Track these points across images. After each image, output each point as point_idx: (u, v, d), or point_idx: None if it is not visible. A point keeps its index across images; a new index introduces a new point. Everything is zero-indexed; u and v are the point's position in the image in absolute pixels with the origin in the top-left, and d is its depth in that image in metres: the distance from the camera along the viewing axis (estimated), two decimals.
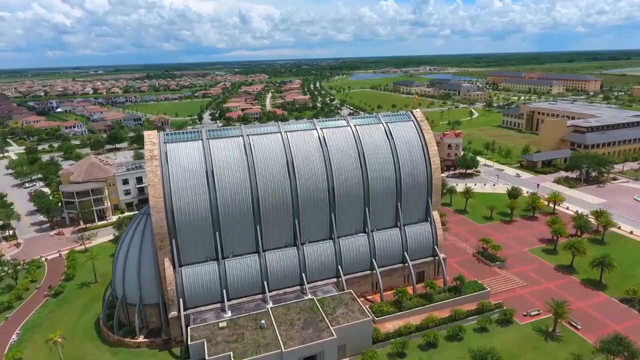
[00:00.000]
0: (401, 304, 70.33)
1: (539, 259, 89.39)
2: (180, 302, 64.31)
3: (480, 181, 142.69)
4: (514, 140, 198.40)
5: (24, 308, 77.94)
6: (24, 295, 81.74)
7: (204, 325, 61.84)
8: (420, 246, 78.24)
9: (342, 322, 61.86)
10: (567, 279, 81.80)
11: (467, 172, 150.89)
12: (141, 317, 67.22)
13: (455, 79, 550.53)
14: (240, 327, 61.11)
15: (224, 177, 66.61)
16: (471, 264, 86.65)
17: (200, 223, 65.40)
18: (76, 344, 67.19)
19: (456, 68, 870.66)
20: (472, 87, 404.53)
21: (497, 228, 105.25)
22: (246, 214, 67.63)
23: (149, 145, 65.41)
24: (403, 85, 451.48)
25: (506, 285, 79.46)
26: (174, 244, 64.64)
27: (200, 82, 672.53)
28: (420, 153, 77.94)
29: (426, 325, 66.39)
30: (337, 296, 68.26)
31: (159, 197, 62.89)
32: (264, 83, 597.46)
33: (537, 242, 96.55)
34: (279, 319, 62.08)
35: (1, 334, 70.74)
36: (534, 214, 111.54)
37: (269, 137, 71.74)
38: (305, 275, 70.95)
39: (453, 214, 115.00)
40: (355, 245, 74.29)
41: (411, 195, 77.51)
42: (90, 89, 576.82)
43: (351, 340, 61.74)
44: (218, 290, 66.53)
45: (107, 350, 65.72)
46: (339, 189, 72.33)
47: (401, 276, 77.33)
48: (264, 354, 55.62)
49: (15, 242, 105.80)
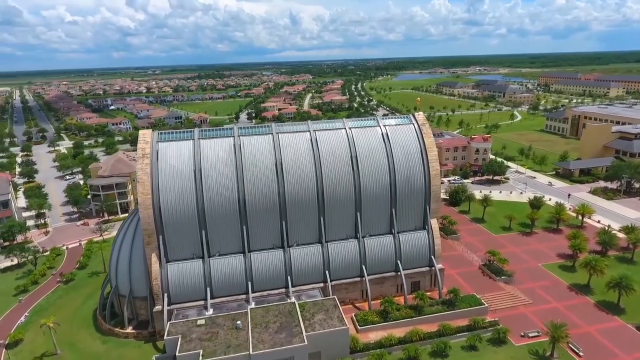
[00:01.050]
0: (388, 314, 67.86)
1: (552, 275, 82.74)
2: (164, 297, 66.12)
3: (508, 189, 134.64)
4: (555, 146, 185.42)
5: (37, 292, 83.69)
6: (39, 280, 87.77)
7: (183, 321, 63.13)
8: (415, 255, 75.04)
9: (318, 328, 60.66)
10: (580, 300, 75.00)
11: (494, 178, 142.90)
12: (131, 309, 69.88)
13: (504, 80, 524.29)
14: (217, 326, 61.71)
15: (211, 177, 67.64)
16: (475, 277, 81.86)
17: (186, 221, 66.83)
18: (73, 330, 71.11)
19: (508, 69, 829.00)
20: (520, 88, 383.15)
21: (514, 240, 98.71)
22: (232, 214, 68.23)
23: (142, 143, 67.81)
24: (446, 86, 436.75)
25: (509, 302, 74.25)
26: (161, 240, 66.53)
27: (246, 82, 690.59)
28: (418, 158, 74.76)
29: (410, 338, 63.49)
30: (320, 302, 67.02)
31: (147, 194, 65.03)
32: (306, 83, 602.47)
33: (554, 257, 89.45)
34: (255, 320, 62.01)
35: (12, 315, 76.41)
36: (558, 226, 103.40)
37: (259, 138, 71.91)
38: (291, 278, 70.37)
39: (468, 223, 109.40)
40: (344, 250, 72.63)
41: (407, 202, 74.53)
42: (144, 88, 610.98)
43: (326, 348, 60.38)
44: (202, 287, 67.68)
45: (98, 338, 68.95)
46: (329, 193, 71.03)
47: (393, 285, 74.59)
48: (232, 355, 55.77)
49: (45, 230, 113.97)
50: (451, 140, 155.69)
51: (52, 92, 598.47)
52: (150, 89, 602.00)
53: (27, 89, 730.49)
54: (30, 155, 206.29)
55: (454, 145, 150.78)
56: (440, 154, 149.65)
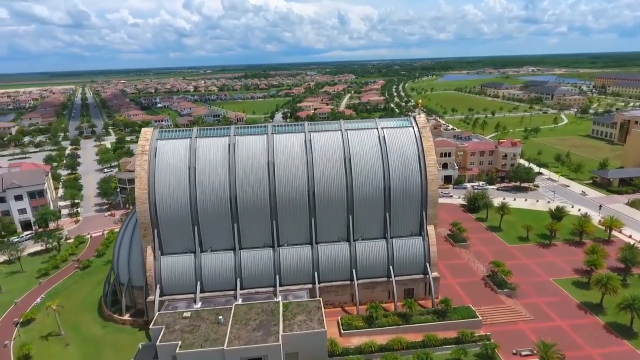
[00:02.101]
0: (374, 320, 66.69)
1: (563, 291, 77.36)
2: (157, 288, 69.18)
3: (535, 197, 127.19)
4: (598, 152, 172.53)
5: (56, 276, 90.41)
6: (60, 265, 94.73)
7: (171, 312, 65.73)
8: (409, 262, 73.09)
9: (297, 329, 60.87)
10: (589, 320, 69.60)
11: (521, 185, 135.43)
12: (129, 297, 73.75)
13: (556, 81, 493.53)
14: (201, 320, 63.64)
15: (204, 175, 69.81)
16: (476, 288, 78.29)
17: (180, 216, 69.44)
18: (80, 313, 76.24)
19: (565, 69, 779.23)
20: (572, 90, 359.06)
21: (529, 251, 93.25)
22: (224, 212, 70.01)
23: (142, 141, 71.31)
24: (490, 87, 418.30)
25: (507, 316, 70.41)
26: (156, 234, 69.63)
27: (289, 81, 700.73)
28: (415, 162, 72.72)
29: (392, 346, 62.06)
30: (304, 303, 67.14)
31: (144, 189, 68.31)
32: (347, 83, 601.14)
33: (569, 272, 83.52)
34: (237, 317, 63.27)
35: (31, 296, 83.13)
36: (582, 239, 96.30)
37: (254, 138, 73.18)
38: (280, 277, 71.06)
39: (483, 231, 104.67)
40: (335, 253, 72.19)
41: (402, 207, 72.74)
42: (192, 87, 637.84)
43: (304, 349, 60.44)
44: (193, 281, 70.05)
45: (99, 323, 73.43)
46: (320, 194, 70.91)
47: (385, 291, 73.08)
48: (207, 349, 57.32)
49: (75, 219, 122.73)
50: (477, 144, 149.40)
51: (110, 90, 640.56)
52: (198, 87, 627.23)
53: (89, 87, 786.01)
54: (78, 148, 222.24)
55: (479, 150, 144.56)
56: (465, 158, 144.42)
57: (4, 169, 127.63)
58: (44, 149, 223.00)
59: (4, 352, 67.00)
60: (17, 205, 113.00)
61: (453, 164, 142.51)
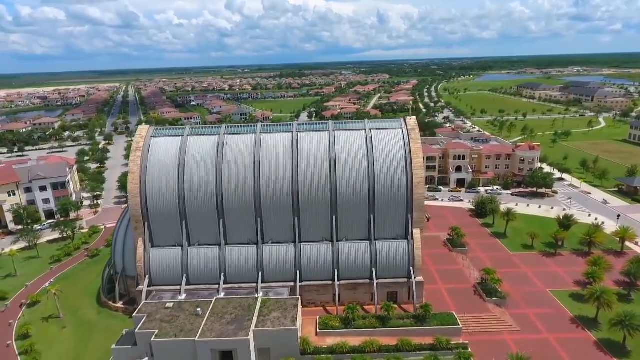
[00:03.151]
0: (352, 321, 66.66)
1: (558, 303, 73.88)
2: (146, 279, 72.51)
3: (551, 204, 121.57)
4: (632, 159, 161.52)
5: (67, 263, 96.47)
6: (73, 253, 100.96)
7: (155, 302, 68.76)
8: (392, 265, 72.36)
9: (269, 325, 62.04)
10: (580, 334, 66.19)
11: (538, 191, 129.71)
12: (124, 286, 77.69)
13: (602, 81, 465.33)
14: (181, 311, 66.14)
15: (193, 172, 72.37)
16: (464, 295, 76.22)
17: (169, 210, 72.39)
18: (80, 299, 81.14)
19: (615, 69, 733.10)
20: (615, 92, 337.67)
21: (531, 260, 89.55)
22: (210, 208, 72.26)
23: (138, 138, 74.89)
24: (527, 88, 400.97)
25: (492, 326, 68.22)
26: (147, 227, 72.96)
27: (322, 81, 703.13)
28: (401, 165, 71.88)
29: (364, 348, 61.86)
30: (283, 300, 68.19)
31: (136, 184, 71.78)
32: (379, 83, 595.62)
33: (569, 284, 79.53)
34: (214, 310, 65.25)
35: (41, 280, 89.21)
36: (590, 249, 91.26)
37: (242, 137, 74.97)
38: (262, 274, 72.49)
39: (487, 237, 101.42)
40: (318, 252, 72.69)
41: (387, 209, 72.12)
42: (227, 85, 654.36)
43: (275, 346, 61.47)
44: (179, 274, 72.83)
45: (95, 308, 77.93)
46: (304, 194, 71.65)
47: (367, 293, 72.70)
48: (179, 339, 59.63)
49: (94, 210, 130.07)
50: (493, 147, 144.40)
51: (150, 88, 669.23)
52: (233, 86, 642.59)
53: (133, 85, 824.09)
54: (111, 144, 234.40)
55: (495, 153, 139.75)
56: (480, 161, 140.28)
57: (33, 162, 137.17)
58: (80, 143, 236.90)
59: (8, 330, 72.55)
60: (42, 196, 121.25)
61: (467, 167, 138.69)
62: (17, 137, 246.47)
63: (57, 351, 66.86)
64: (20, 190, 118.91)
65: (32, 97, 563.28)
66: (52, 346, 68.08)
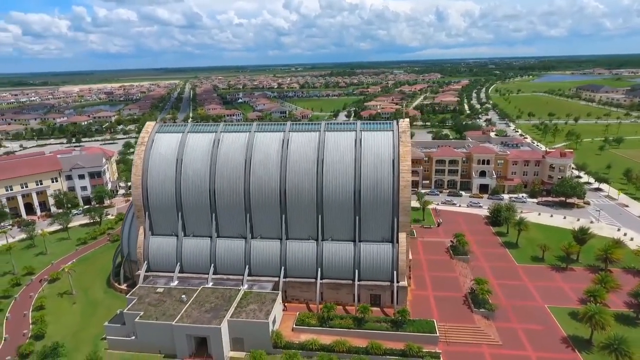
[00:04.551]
0: (325, 320, 67.46)
1: (553, 320, 69.65)
2: (144, 264, 77.98)
3: (578, 215, 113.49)
4: None
5: (90, 246, 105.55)
6: (98, 237, 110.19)
7: (149, 286, 74.01)
8: (375, 267, 72.05)
9: (244, 317, 64.63)
10: (567, 355, 62.19)
11: (567, 201, 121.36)
12: (129, 269, 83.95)
13: None
14: (169, 296, 70.72)
15: (189, 166, 76.57)
16: (452, 304, 74.03)
17: (167, 202, 77.19)
18: (93, 278, 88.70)
19: None
20: None
21: (537, 273, 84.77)
22: (204, 202, 76.10)
23: (143, 133, 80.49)
24: (587, 90, 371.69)
25: (473, 337, 65.94)
26: (147, 216, 78.36)
27: (371, 80, 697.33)
28: (389, 167, 71.29)
29: (334, 348, 62.52)
30: (263, 294, 70.51)
31: (139, 176, 77.35)
32: (428, 83, 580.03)
33: (571, 301, 74.51)
34: (198, 298, 69.04)
35: (66, 259, 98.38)
36: (607, 266, 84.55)
37: (237, 136, 78.01)
38: (249, 267, 75.23)
39: (496, 246, 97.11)
40: (303, 250, 74.08)
41: (372, 212, 71.89)
42: (276, 84, 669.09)
43: (249, 337, 63.97)
44: (174, 261, 77.51)
45: (104, 288, 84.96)
46: (291, 193, 73.30)
47: (350, 293, 72.88)
48: (160, 322, 63.93)
49: (126, 199, 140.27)
50: (521, 153, 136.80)
51: (205, 86, 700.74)
52: (282, 85, 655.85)
53: (190, 82, 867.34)
54: None
55: (523, 159, 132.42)
56: (506, 167, 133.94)
57: (77, 152, 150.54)
58: (130, 136, 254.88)
59: (28, 301, 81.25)
60: (80, 183, 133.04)
61: (491, 172, 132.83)
62: (77, 128, 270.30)
63: (63, 324, 73.95)
64: (62, 178, 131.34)
65: (100, 92, 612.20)
66: (60, 319, 75.38)
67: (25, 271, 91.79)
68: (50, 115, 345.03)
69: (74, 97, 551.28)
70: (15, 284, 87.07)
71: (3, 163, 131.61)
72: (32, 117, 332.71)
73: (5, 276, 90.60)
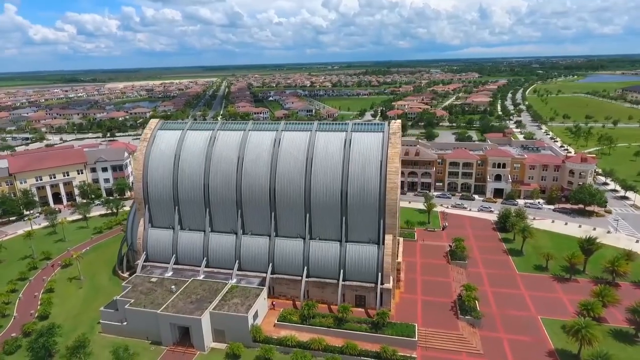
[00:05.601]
0: (308, 318, 68.26)
1: (543, 332, 67.00)
2: (143, 254, 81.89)
3: (597, 224, 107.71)
4: None
5: (105, 235, 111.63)
6: (114, 227, 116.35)
7: (144, 276, 77.73)
8: (360, 268, 72.01)
9: (225, 310, 66.63)
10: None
11: (585, 209, 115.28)
12: (131, 258, 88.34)
13: None
14: (160, 286, 74.00)
15: (186, 163, 79.52)
16: (438, 309, 72.70)
17: (164, 196, 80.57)
18: (101, 266, 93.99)
19: None
20: None
21: (536, 282, 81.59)
22: (198, 197, 78.84)
23: (147, 129, 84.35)
24: (634, 91, 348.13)
25: (453, 345, 64.64)
26: (147, 209, 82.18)
27: (406, 79, 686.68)
28: (376, 169, 70.95)
29: (309, 345, 63.29)
30: (249, 289, 72.29)
31: (140, 170, 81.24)
32: (463, 82, 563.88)
33: (568, 314, 71.02)
34: (186, 290, 71.83)
35: (81, 246, 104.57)
36: (615, 279, 80.00)
37: (232, 134, 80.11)
38: (239, 262, 77.24)
39: (499, 253, 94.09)
40: (290, 248, 75.18)
41: (359, 213, 71.86)
42: (309, 82, 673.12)
43: (229, 329, 65.94)
44: (170, 253, 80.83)
45: (109, 276, 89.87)
46: (280, 191, 74.54)
47: (335, 292, 73.12)
48: (146, 310, 67.13)
49: None
50: (539, 157, 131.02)
51: (240, 83, 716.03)
52: (314, 83, 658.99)
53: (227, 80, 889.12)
54: None
55: (541, 163, 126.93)
56: (522, 171, 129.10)
57: (103, 146, 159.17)
58: None
59: (41, 284, 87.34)
60: (103, 175, 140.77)
61: (507, 176, 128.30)
62: (113, 124, 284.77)
63: (66, 306, 79.11)
64: (87, 170, 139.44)
65: (141, 89, 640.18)
66: (65, 302, 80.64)
67: (43, 256, 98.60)
68: (92, 110, 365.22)
69: (117, 94, 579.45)
70: (33, 268, 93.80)
71: (34, 155, 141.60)
72: (76, 112, 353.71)
73: (25, 259, 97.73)
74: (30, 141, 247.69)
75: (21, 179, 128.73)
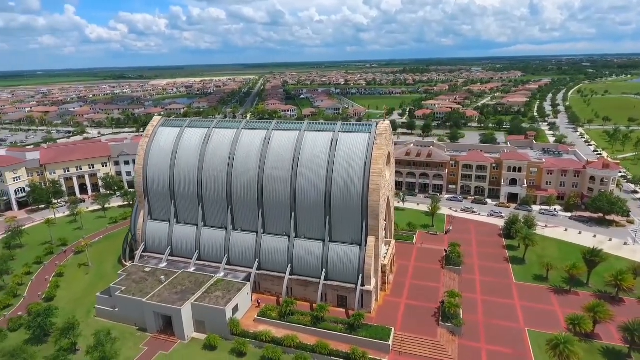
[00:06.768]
0: (287, 314, 69.27)
1: (527, 345, 64.39)
2: (142, 245, 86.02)
3: (614, 235, 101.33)
4: None
5: (120, 224, 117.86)
6: (128, 217, 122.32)
7: (140, 265, 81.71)
8: (342, 269, 72.07)
9: (206, 302, 68.91)
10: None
11: (605, 217, 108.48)
12: (134, 248, 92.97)
13: None
14: (152, 276, 77.54)
15: (181, 159, 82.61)
16: (421, 314, 71.39)
17: (162, 190, 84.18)
18: (110, 254, 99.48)
19: None
20: None
21: (533, 293, 78.20)
22: (192, 192, 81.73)
23: (149, 126, 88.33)
24: None
25: (428, 351, 63.44)
26: (147, 202, 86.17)
27: (443, 77, 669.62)
28: (360, 170, 70.62)
29: (282, 341, 64.31)
30: (233, 283, 74.24)
31: (140, 165, 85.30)
32: (503, 82, 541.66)
33: (558, 328, 67.44)
34: (174, 281, 74.88)
35: (96, 235, 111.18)
36: (619, 294, 75.14)
37: (226, 132, 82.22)
38: (228, 257, 79.46)
39: (500, 261, 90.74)
40: (276, 245, 76.40)
41: (342, 213, 71.89)
42: (343, 80, 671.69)
43: (209, 321, 68.24)
44: (166, 245, 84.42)
45: (114, 264, 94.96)
46: (267, 189, 75.88)
47: (317, 291, 73.61)
48: (134, 297, 70.66)
49: None
50: (558, 162, 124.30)
51: (275, 81, 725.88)
52: (349, 81, 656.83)
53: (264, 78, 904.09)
54: None
55: (560, 168, 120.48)
56: (540, 176, 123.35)
57: (128, 140, 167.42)
58: None
59: (53, 269, 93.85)
60: (125, 169, 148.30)
61: (522, 180, 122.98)
62: (148, 119, 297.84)
63: (71, 290, 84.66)
64: (110, 163, 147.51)
65: (182, 86, 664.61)
66: (71, 286, 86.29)
67: (60, 242, 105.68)
68: (132, 106, 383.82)
69: (158, 90, 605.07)
70: (49, 253, 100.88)
71: (63, 148, 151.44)
72: (117, 107, 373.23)
73: (44, 245, 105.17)
74: (71, 134, 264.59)
75: (51, 170, 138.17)
